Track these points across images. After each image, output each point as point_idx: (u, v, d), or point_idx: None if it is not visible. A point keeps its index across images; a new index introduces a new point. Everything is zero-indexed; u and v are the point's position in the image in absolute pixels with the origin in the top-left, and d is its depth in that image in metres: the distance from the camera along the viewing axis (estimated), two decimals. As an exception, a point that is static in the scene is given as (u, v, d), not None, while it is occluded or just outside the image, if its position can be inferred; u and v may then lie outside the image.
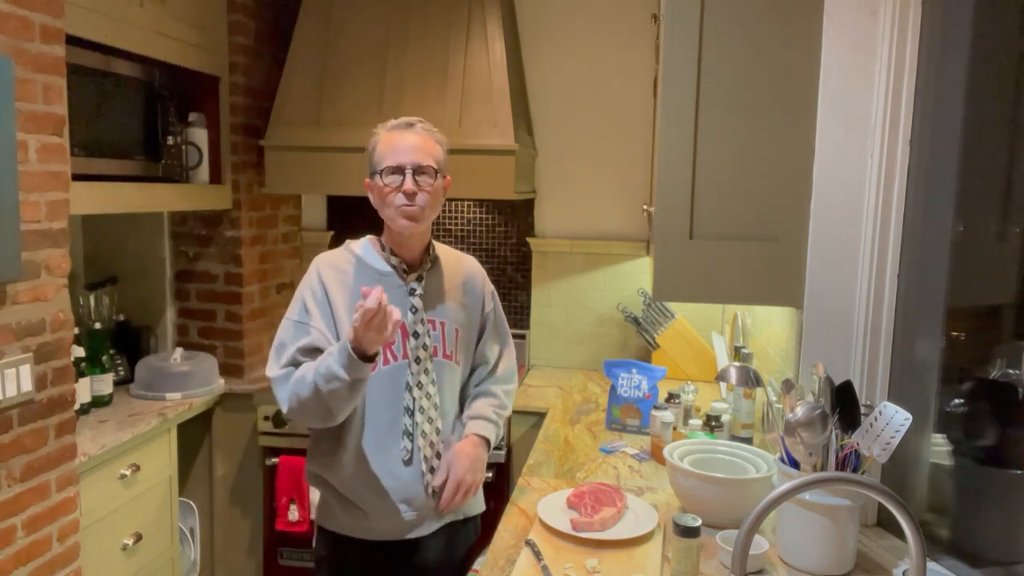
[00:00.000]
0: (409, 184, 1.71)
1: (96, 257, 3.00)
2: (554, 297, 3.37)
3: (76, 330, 2.18)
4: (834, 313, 1.73)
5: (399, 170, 1.72)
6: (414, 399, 1.77)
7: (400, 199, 1.72)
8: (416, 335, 1.78)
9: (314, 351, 1.71)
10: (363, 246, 1.84)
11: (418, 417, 1.77)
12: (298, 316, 1.75)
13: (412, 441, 1.77)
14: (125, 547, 2.41)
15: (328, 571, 1.87)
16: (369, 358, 1.59)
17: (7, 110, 1.80)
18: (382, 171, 1.73)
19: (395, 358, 1.77)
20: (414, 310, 1.78)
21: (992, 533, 1.57)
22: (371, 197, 1.79)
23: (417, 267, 1.82)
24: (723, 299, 2.39)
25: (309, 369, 1.66)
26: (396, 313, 1.55)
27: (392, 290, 1.75)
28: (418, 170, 1.73)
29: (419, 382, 1.78)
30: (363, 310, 1.51)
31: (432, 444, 1.79)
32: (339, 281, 1.78)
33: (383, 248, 1.81)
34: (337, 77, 2.95)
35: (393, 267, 1.80)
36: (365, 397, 1.75)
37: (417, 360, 1.78)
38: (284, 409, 1.71)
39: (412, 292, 1.80)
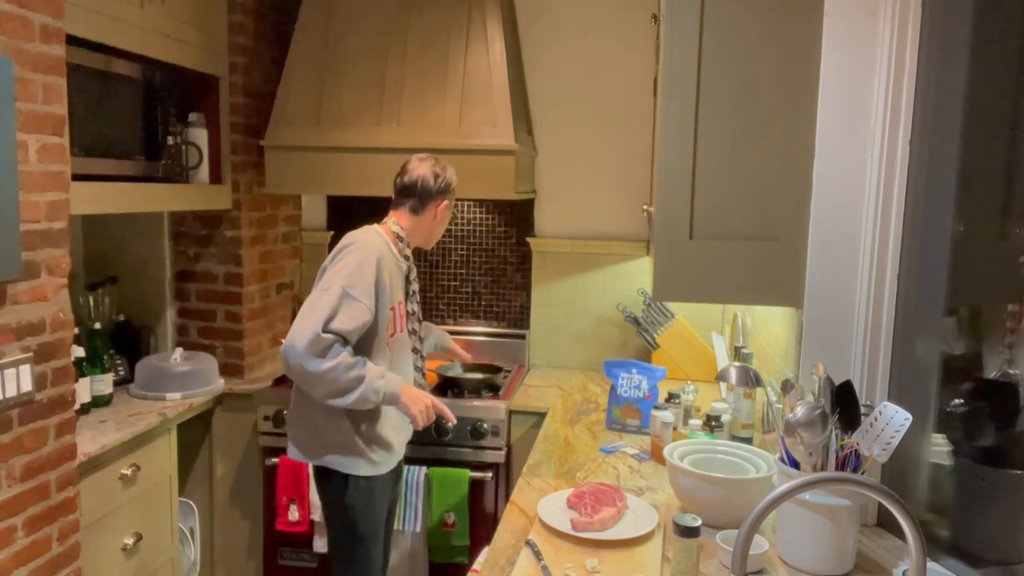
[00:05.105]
0: None
1: (96, 257, 2.99)
2: (554, 297, 3.37)
3: (76, 330, 2.17)
4: (834, 313, 1.73)
5: None
6: (419, 358, 2.33)
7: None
8: (412, 313, 2.30)
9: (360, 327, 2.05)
10: (386, 238, 2.21)
11: (415, 375, 2.31)
12: (360, 297, 2.03)
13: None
14: (125, 547, 2.41)
15: (361, 507, 2.17)
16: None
17: (7, 110, 1.80)
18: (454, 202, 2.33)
19: (401, 329, 2.24)
20: (414, 293, 2.30)
21: (992, 533, 1.57)
22: (436, 212, 2.25)
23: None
24: (723, 299, 2.39)
25: (363, 368, 2.02)
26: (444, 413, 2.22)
27: (401, 277, 2.24)
28: None
29: (415, 347, 2.31)
30: (425, 419, 2.14)
31: (422, 387, 2.35)
32: (392, 266, 2.18)
33: (401, 241, 2.24)
34: (337, 77, 2.95)
35: (407, 258, 2.27)
36: (392, 360, 2.19)
37: (412, 332, 2.29)
38: (311, 368, 1.94)
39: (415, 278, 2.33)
